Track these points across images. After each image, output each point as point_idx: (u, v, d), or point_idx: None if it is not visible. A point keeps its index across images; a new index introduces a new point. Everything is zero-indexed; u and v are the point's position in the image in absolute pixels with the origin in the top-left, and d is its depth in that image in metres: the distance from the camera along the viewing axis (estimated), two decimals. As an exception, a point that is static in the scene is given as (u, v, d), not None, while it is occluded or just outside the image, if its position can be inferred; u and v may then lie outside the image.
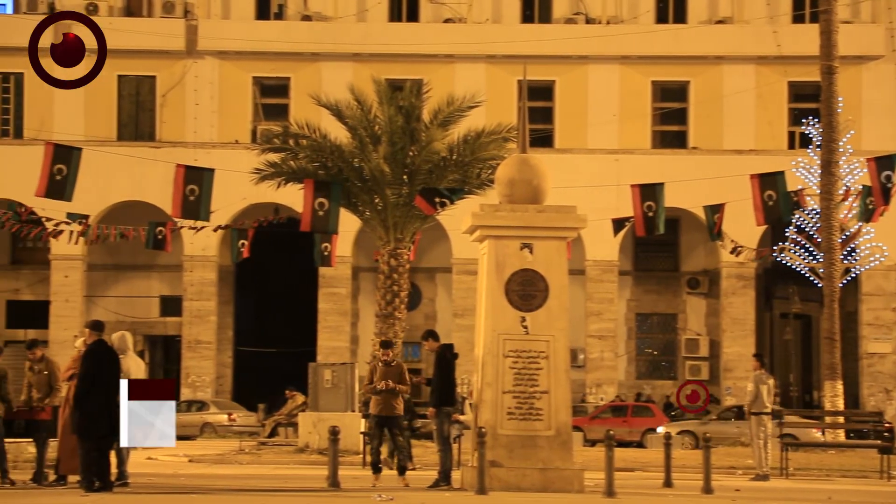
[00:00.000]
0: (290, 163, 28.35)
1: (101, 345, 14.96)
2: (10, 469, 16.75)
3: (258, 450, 26.09)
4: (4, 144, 38.78)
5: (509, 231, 15.52)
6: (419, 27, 39.65)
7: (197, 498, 14.23)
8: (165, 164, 26.71)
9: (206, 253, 38.58)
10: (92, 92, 38.91)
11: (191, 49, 39.11)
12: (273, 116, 38.78)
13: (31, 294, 40.33)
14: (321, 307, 38.96)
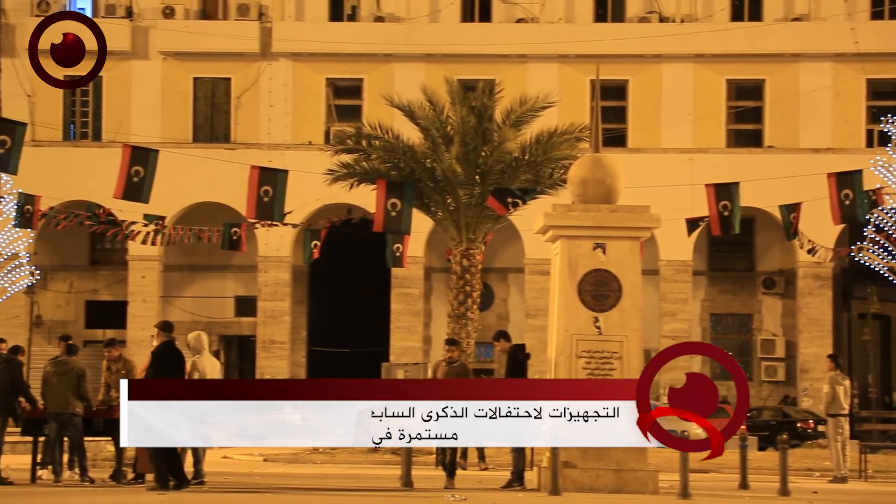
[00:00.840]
0: (362, 164, 28.48)
1: (169, 345, 15.14)
2: (90, 467, 17.02)
3: (332, 449, 26.22)
4: (83, 147, 39.37)
5: (582, 231, 15.46)
6: (492, 27, 39.62)
7: (272, 497, 14.33)
8: (240, 166, 26.97)
9: (280, 253, 38.87)
10: (168, 94, 39.42)
11: (265, 51, 39.43)
12: (346, 117, 38.97)
13: (109, 294, 40.89)
14: (394, 307, 39.07)
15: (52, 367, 16.95)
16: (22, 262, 34.58)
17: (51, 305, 40.62)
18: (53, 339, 35.32)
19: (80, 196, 36.44)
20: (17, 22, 38.58)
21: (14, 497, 14.52)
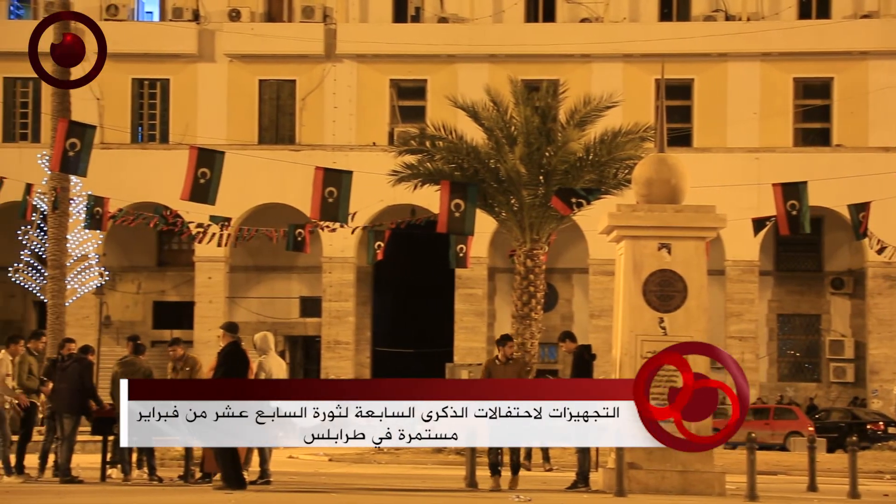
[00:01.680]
0: (426, 164, 28.50)
1: (235, 346, 15.27)
2: (158, 466, 17.20)
3: (396, 450, 26.28)
4: (151, 149, 39.81)
5: (647, 231, 15.38)
6: (556, 27, 39.53)
7: (337, 497, 14.39)
8: (305, 167, 27.11)
9: (345, 254, 39.06)
10: (234, 97, 39.75)
11: (329, 53, 39.63)
12: (410, 118, 39.07)
13: (177, 295, 41.31)
14: (457, 308, 39.10)
15: (121, 367, 17.16)
16: (91, 264, 35.07)
17: (119, 306, 41.11)
18: (122, 339, 35.74)
19: (147, 198, 36.85)
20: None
21: (84, 495, 14.71)
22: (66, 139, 18.66)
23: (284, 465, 19.76)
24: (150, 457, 16.87)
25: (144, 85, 40.07)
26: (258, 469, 16.00)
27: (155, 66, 39.70)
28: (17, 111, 40.08)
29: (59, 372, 16.73)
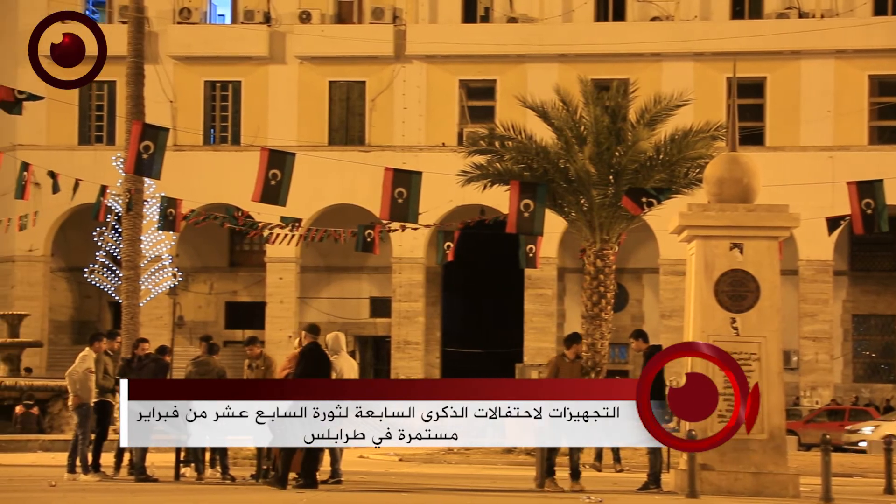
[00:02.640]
0: (495, 165, 28.47)
1: (315, 347, 15.39)
2: (231, 465, 17.36)
3: (466, 450, 26.30)
4: (223, 151, 40.20)
5: (718, 231, 15.25)
6: (626, 26, 39.32)
7: (408, 497, 14.42)
8: (374, 168, 27.23)
9: (414, 255, 39.16)
10: (304, 98, 40.03)
11: (399, 54, 39.76)
12: (479, 119, 39.07)
13: (248, 295, 41.67)
14: (527, 308, 39.04)
15: (194, 367, 17.34)
16: (165, 265, 35.48)
17: (192, 306, 41.55)
18: (195, 339, 36.11)
19: (219, 199, 37.22)
20: (160, 29, 39.59)
21: (158, 494, 14.89)
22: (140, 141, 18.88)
23: (355, 465, 19.84)
24: (223, 456, 17.03)
25: (216, 87, 40.47)
26: (329, 469, 16.09)
27: (226, 69, 40.09)
28: (93, 114, 40.67)
29: (134, 372, 16.94)
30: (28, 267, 40.22)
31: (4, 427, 25.57)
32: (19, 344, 29.66)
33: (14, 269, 40.29)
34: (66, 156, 38.12)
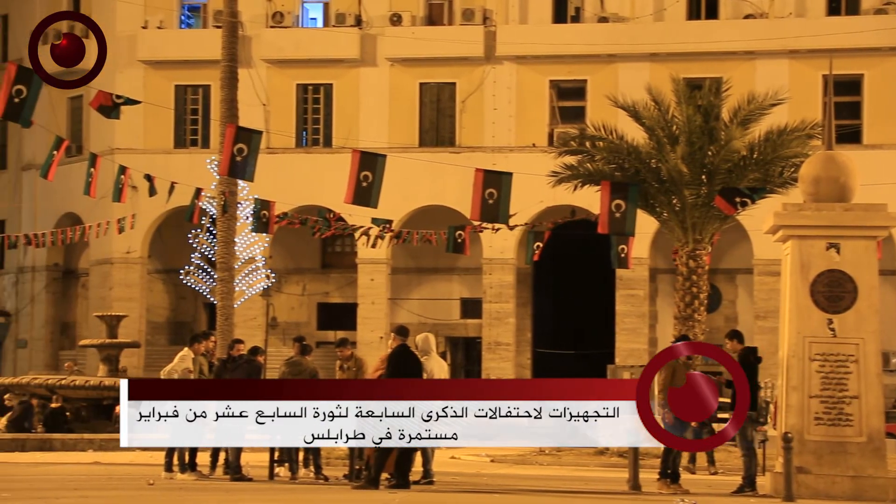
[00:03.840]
0: (586, 165, 28.38)
1: (405, 349, 15.46)
2: (324, 465, 17.51)
3: (558, 451, 26.23)
4: (315, 153, 40.54)
5: (814, 231, 15.04)
6: (718, 24, 38.89)
7: (499, 498, 14.42)
8: (465, 169, 27.26)
9: (505, 256, 39.13)
10: (395, 100, 40.21)
11: (489, 55, 39.76)
12: (569, 119, 38.93)
13: (340, 296, 41.96)
14: (619, 309, 38.81)
15: (287, 368, 17.51)
16: (258, 266, 35.87)
17: (285, 307, 41.96)
18: (288, 340, 36.47)
19: (311, 201, 37.54)
20: (253, 33, 40.05)
21: (253, 493, 15.06)
22: (234, 144, 19.12)
23: (446, 466, 19.89)
24: (317, 456, 17.18)
25: (308, 90, 40.83)
26: (421, 469, 16.14)
27: (318, 72, 40.43)
28: (188, 118, 41.27)
29: (229, 372, 17.15)
30: (126, 269, 40.94)
31: (104, 426, 26.07)
32: (118, 345, 30.20)
33: (112, 271, 41.03)
34: (161, 159, 38.73)
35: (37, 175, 41.00)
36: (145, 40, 40.79)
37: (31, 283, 44.21)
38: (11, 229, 42.11)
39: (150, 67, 40.80)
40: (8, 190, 45.29)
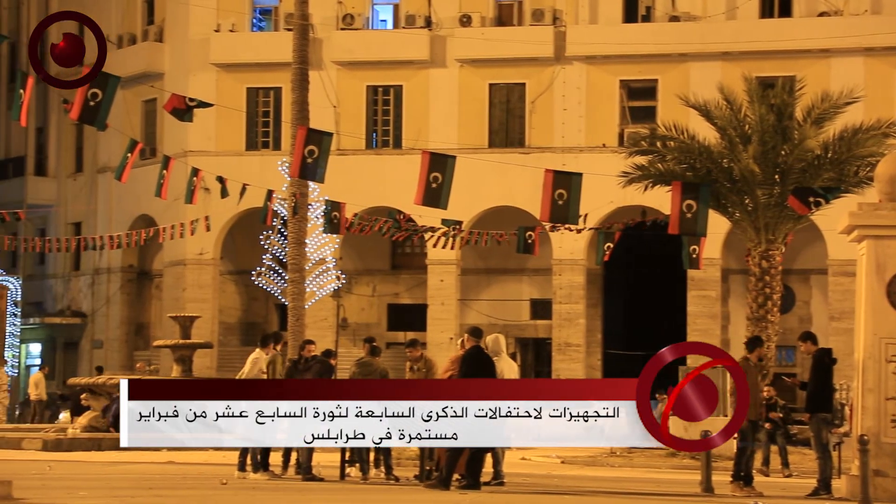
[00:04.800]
0: (657, 165, 28.21)
1: (478, 350, 15.47)
2: (395, 466, 17.56)
3: (629, 453, 26.09)
4: (384, 154, 40.68)
5: (891, 230, 14.83)
6: (792, 22, 38.43)
7: (570, 499, 14.38)
8: (534, 170, 27.21)
9: (575, 257, 38.98)
10: (464, 101, 40.22)
11: (559, 55, 39.64)
12: (640, 119, 38.69)
13: (410, 297, 42.06)
14: (690, 310, 38.50)
15: (358, 368, 17.59)
16: (329, 267, 36.07)
17: (355, 308, 42.15)
18: (358, 340, 36.63)
19: (381, 202, 37.68)
20: (324, 36, 40.28)
21: (324, 493, 15.16)
22: (305, 146, 19.23)
23: (517, 467, 19.87)
24: (387, 456, 17.24)
25: (378, 92, 40.98)
26: (492, 470, 16.13)
27: (388, 73, 40.56)
28: (259, 120, 41.61)
29: (300, 373, 17.26)
30: (198, 270, 41.36)
31: (177, 426, 26.31)
32: (191, 345, 30.48)
33: (185, 273, 41.48)
34: (233, 161, 39.07)
35: (112, 178, 41.62)
36: (218, 43, 41.19)
37: (106, 285, 44.84)
38: (87, 231, 42.73)
39: (223, 70, 41.18)
40: (84, 192, 45.97)
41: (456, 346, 17.68)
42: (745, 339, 17.72)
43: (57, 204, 46.87)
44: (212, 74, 41.17)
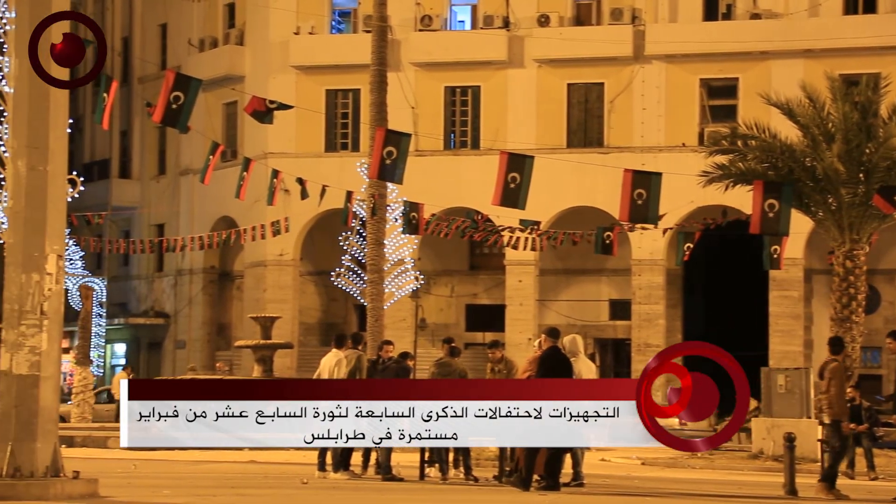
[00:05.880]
0: (738, 164, 27.93)
1: (555, 351, 15.42)
2: (474, 466, 17.56)
3: (711, 454, 25.84)
4: (463, 155, 40.72)
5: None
6: (877, 19, 37.83)
7: (650, 500, 14.29)
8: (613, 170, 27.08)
9: (654, 257, 38.71)
10: (542, 101, 40.12)
11: (638, 54, 39.39)
12: (720, 118, 38.33)
13: (488, 298, 42.05)
14: (772, 310, 38.05)
15: (437, 369, 17.61)
16: (407, 268, 36.19)
17: (434, 309, 42.23)
18: (437, 341, 36.68)
19: (459, 203, 37.71)
20: (402, 37, 40.41)
21: (404, 493, 15.21)
22: (384, 147, 19.30)
23: (597, 468, 19.77)
24: (467, 456, 17.25)
25: (456, 92, 41.02)
26: (571, 471, 16.08)
27: (466, 74, 40.59)
28: (338, 121, 41.87)
29: (378, 374, 17.33)
30: (279, 271, 41.72)
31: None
32: (271, 346, 30.77)
33: (266, 274, 41.86)
34: (313, 163, 39.35)
35: (194, 180, 42.18)
36: (297, 46, 41.51)
37: (188, 286, 45.40)
38: (170, 233, 43.30)
39: (302, 72, 41.50)
40: (167, 194, 46.60)
41: (534, 346, 17.60)
42: (829, 339, 17.45)
43: (140, 206, 47.56)
44: (291, 77, 41.50)
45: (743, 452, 25.39)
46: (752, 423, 25.40)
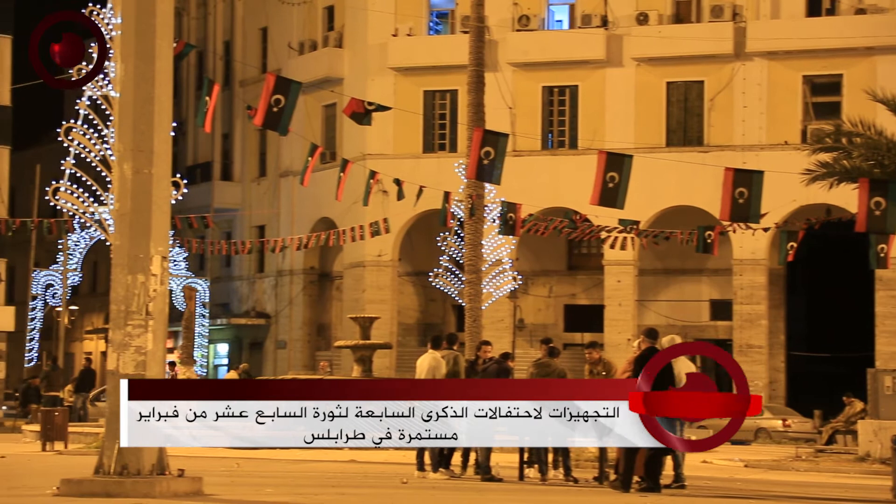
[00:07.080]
0: (842, 162, 27.40)
1: (653, 352, 15.28)
2: (573, 467, 17.49)
3: (815, 457, 25.44)
4: (560, 155, 40.59)
5: None
6: None
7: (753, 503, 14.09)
8: (713, 168, 26.78)
9: (756, 256, 38.21)
10: (641, 100, 39.81)
11: (739, 51, 38.91)
12: (824, 115, 37.68)
13: (587, 298, 41.86)
14: (878, 311, 37.31)
15: (536, 369, 17.56)
16: (505, 268, 36.16)
17: (532, 309, 42.16)
18: (535, 341, 36.61)
19: (557, 203, 37.58)
20: (499, 38, 40.41)
21: (503, 493, 15.20)
22: (481, 148, 19.32)
23: (698, 470, 19.55)
24: (566, 457, 17.18)
25: (554, 92, 40.90)
26: (672, 473, 15.93)
27: (564, 73, 40.46)
28: (436, 123, 42.01)
29: (477, 374, 17.34)
30: (377, 271, 41.97)
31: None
32: (370, 346, 30.93)
33: (364, 274, 42.14)
34: (411, 164, 39.54)
35: (293, 181, 42.66)
36: (395, 48, 41.73)
37: (289, 286, 45.90)
38: (271, 234, 43.81)
39: (400, 74, 41.71)
40: (267, 196, 47.16)
41: (632, 347, 17.47)
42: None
43: (242, 208, 48.21)
44: (390, 78, 41.74)
45: (849, 455, 24.95)
46: (858, 426, 24.94)
